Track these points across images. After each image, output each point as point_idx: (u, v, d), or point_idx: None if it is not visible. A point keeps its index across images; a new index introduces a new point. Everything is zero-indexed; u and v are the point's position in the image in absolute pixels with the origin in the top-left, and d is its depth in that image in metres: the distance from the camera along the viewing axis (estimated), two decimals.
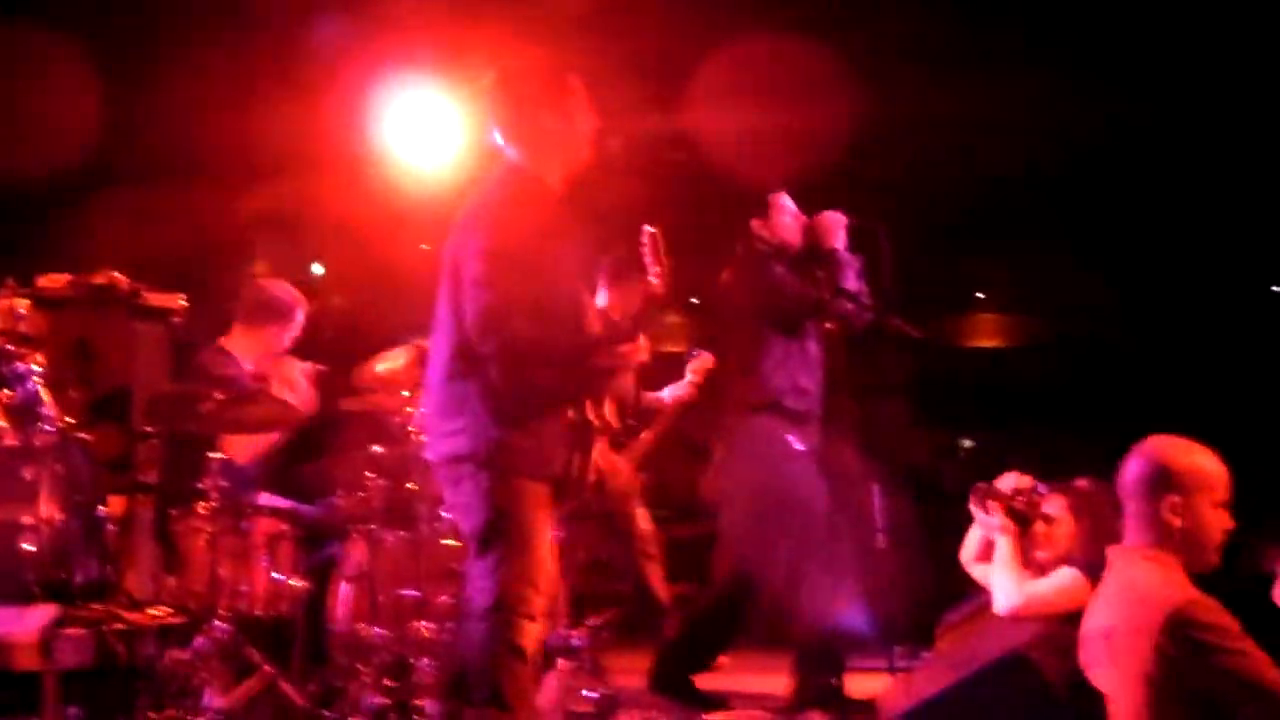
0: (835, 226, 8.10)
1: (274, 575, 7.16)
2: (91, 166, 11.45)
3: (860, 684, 8.09)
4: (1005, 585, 6.49)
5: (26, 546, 6.59)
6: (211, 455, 6.99)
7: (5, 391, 7.07)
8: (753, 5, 11.27)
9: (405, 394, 7.66)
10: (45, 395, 7.05)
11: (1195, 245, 15.22)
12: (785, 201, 8.16)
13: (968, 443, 20.80)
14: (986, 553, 6.75)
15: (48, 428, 6.94)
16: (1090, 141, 12.99)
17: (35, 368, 7.09)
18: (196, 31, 11.06)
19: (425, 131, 9.85)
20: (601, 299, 8.66)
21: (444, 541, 7.49)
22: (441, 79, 9.84)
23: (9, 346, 7.13)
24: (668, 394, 9.12)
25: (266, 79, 11.10)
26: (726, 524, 8.23)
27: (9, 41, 10.57)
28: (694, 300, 8.79)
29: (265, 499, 7.71)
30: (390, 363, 7.81)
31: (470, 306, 5.77)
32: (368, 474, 7.64)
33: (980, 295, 20.56)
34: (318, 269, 14.86)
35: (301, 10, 10.70)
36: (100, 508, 7.09)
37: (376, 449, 7.71)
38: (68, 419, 7.10)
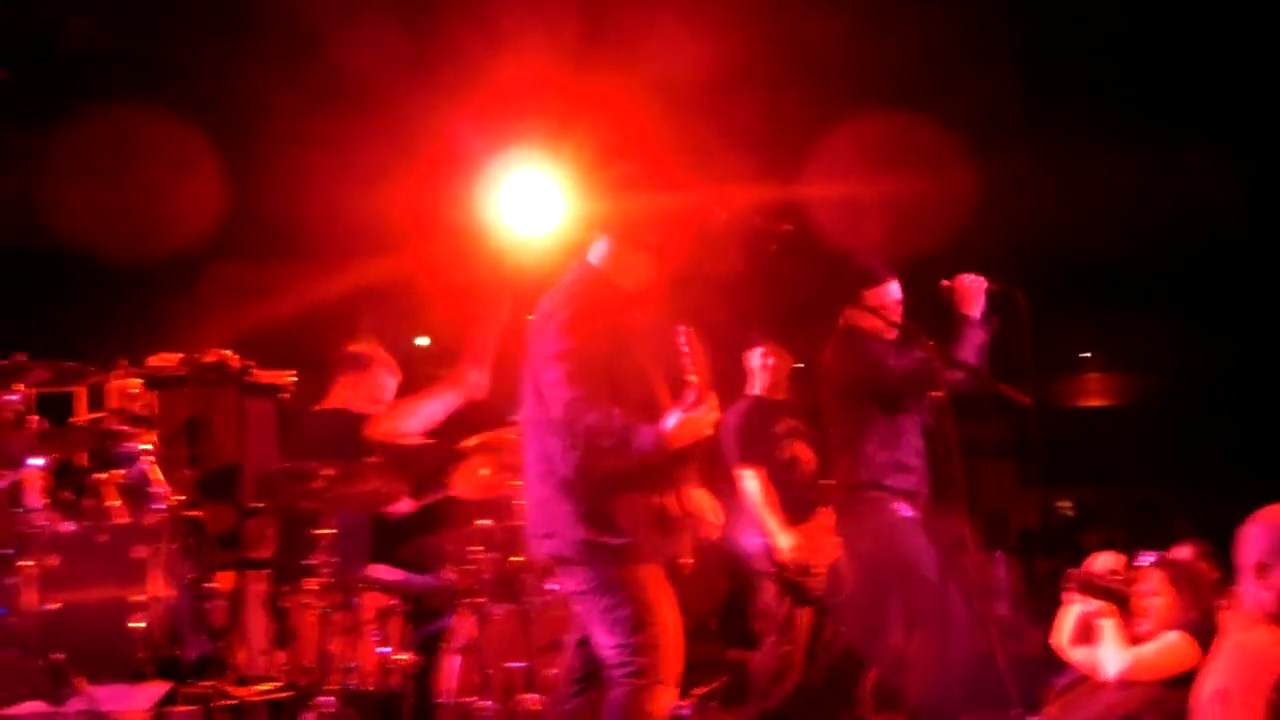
0: (974, 293, 7.82)
1: (383, 649, 7.18)
2: (200, 247, 11.59)
3: None
4: (1113, 653, 6.49)
5: (137, 624, 6.64)
6: (321, 531, 7.02)
7: (117, 471, 7.16)
8: (855, 78, 11.29)
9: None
10: (157, 474, 7.13)
11: None
12: (891, 293, 7.94)
13: (1068, 503, 20.74)
14: (1081, 635, 6.74)
15: (158, 506, 7.03)
16: (1195, 199, 12.91)
17: (147, 447, 7.17)
18: (299, 113, 11.19)
19: (529, 205, 9.88)
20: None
21: (552, 614, 7.50)
22: (544, 153, 9.88)
23: (122, 426, 7.22)
24: None
25: (368, 157, 11.20)
26: (840, 595, 8.20)
27: (122, 125, 10.74)
28: (799, 365, 8.68)
29: (375, 570, 7.74)
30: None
31: (554, 408, 5.82)
32: (476, 547, 7.66)
33: (1085, 355, 20.48)
34: (422, 341, 14.97)
35: (404, 89, 10.80)
36: (210, 584, 7.15)
37: (484, 522, 7.73)
38: (178, 497, 7.17)
